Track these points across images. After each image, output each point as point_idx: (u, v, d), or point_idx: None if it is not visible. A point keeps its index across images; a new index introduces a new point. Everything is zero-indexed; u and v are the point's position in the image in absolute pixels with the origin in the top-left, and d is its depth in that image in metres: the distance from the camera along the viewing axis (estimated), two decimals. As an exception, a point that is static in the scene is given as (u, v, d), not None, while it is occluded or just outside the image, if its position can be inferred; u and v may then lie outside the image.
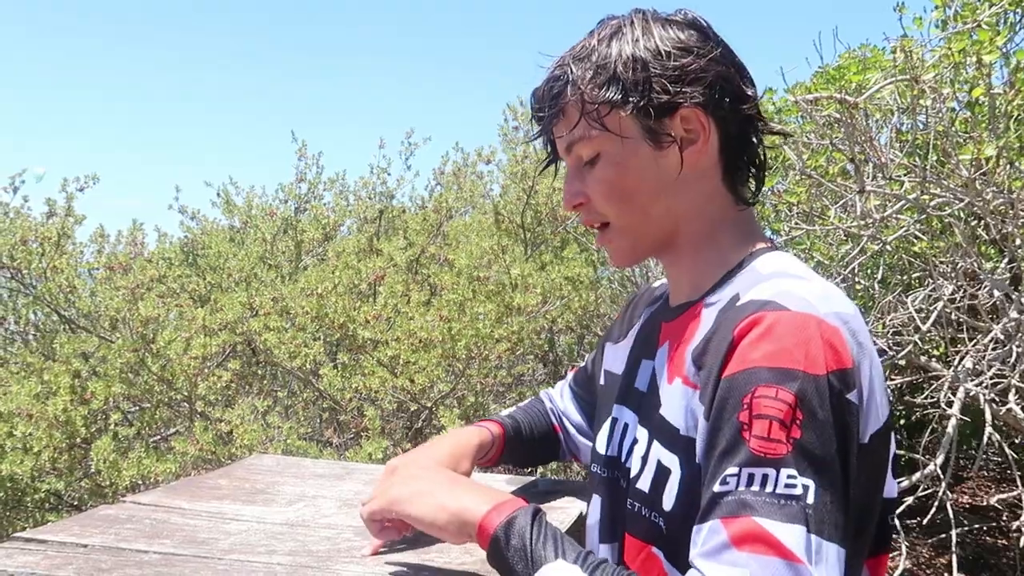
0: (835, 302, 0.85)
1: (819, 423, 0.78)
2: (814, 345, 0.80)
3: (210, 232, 4.31)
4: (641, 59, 0.95)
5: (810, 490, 0.77)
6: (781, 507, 0.76)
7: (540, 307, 3.05)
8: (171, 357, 2.86)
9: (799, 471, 0.77)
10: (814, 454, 0.78)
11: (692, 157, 0.97)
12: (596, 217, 1.03)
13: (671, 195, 0.99)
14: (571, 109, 0.99)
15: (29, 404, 2.61)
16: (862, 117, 2.57)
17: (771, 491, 0.77)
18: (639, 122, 0.96)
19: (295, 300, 3.08)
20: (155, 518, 1.33)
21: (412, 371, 2.99)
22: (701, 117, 0.96)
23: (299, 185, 4.71)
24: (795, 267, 0.94)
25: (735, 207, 1.02)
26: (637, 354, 1.11)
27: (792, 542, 0.75)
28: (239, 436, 2.67)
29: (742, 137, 1.00)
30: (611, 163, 0.98)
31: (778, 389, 0.79)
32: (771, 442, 0.78)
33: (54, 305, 3.39)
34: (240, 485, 1.54)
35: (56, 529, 1.27)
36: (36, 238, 3.37)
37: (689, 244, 1.02)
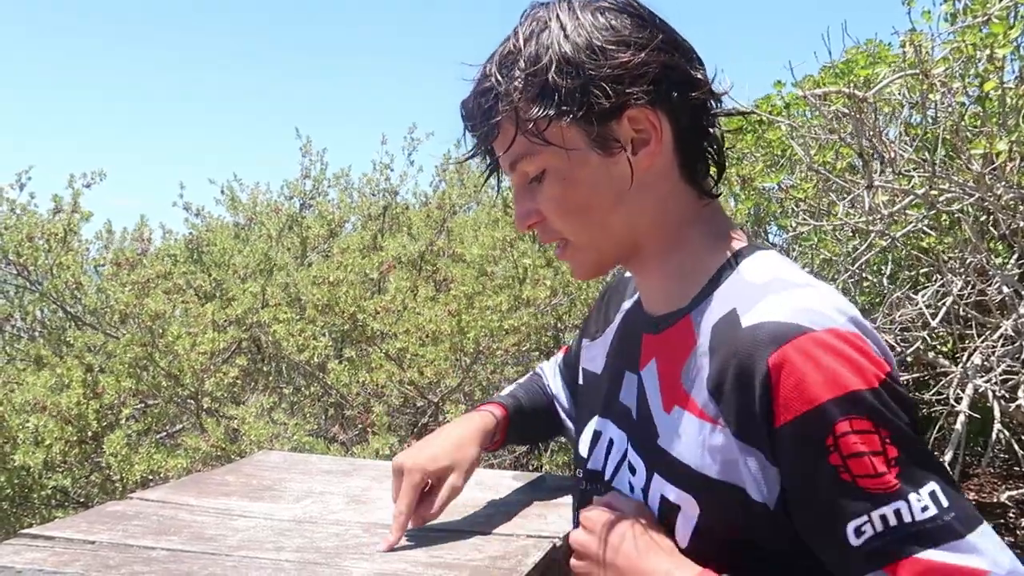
0: (843, 306, 0.84)
1: (900, 429, 0.78)
2: (855, 359, 0.79)
3: (215, 229, 4.31)
4: (575, 61, 0.86)
5: (938, 495, 0.77)
6: (932, 532, 0.76)
7: (550, 300, 3.04)
8: (179, 353, 2.86)
9: (918, 486, 0.77)
10: (916, 459, 0.78)
11: (646, 160, 0.89)
12: (552, 235, 0.95)
13: (629, 203, 0.91)
14: (507, 124, 0.90)
15: (44, 396, 2.61)
16: (871, 112, 2.55)
17: (912, 521, 0.76)
18: (583, 131, 0.88)
19: (306, 288, 3.08)
20: (162, 515, 1.33)
21: (420, 364, 2.98)
22: (650, 116, 0.88)
23: (304, 182, 4.71)
24: (788, 272, 0.89)
25: (699, 202, 0.95)
26: (618, 363, 1.05)
27: (961, 559, 0.75)
28: (246, 432, 2.67)
29: (696, 127, 0.92)
30: (559, 179, 0.90)
31: (852, 420, 0.77)
32: (880, 477, 0.77)
33: (60, 302, 3.40)
34: (247, 482, 1.53)
35: (63, 525, 1.27)
36: (42, 235, 3.37)
37: (656, 250, 0.95)
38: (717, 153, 0.95)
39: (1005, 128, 2.40)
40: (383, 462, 1.77)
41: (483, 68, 0.93)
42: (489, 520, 1.27)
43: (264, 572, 1.05)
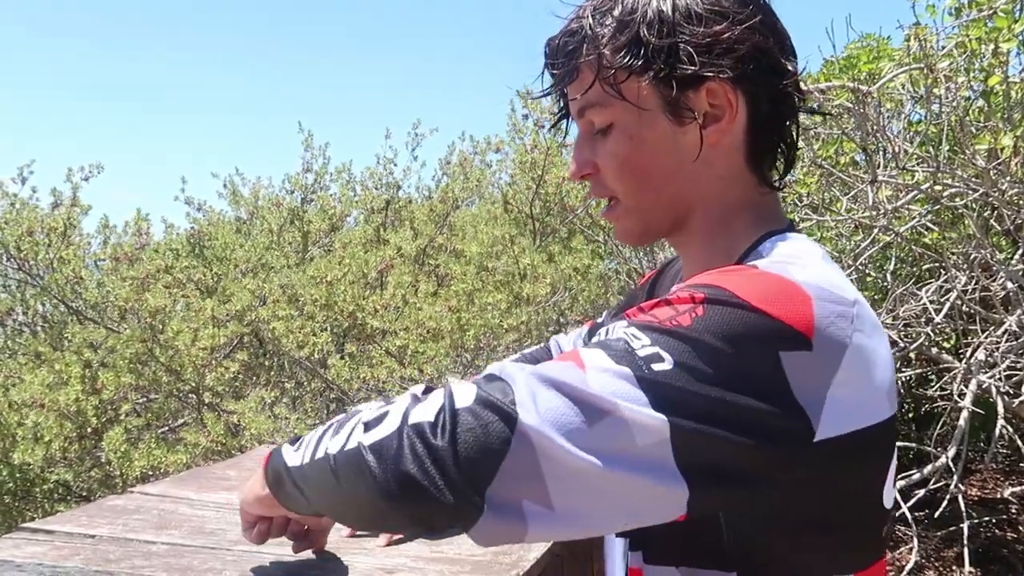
0: (830, 283, 0.75)
1: (727, 338, 0.68)
2: (764, 286, 0.72)
3: (216, 223, 4.30)
4: (669, 21, 0.85)
5: (662, 364, 0.67)
6: (610, 344, 0.69)
7: (549, 297, 3.03)
8: (179, 348, 2.85)
9: (658, 343, 0.68)
10: (699, 351, 0.67)
11: (714, 136, 0.87)
12: (604, 191, 0.94)
13: (688, 176, 0.89)
14: (586, 70, 0.89)
15: (41, 393, 2.61)
16: (874, 106, 2.54)
17: (611, 336, 0.71)
18: (660, 93, 0.86)
19: (304, 288, 3.07)
20: (163, 508, 1.32)
21: (420, 361, 2.98)
22: (729, 93, 0.86)
23: (305, 176, 4.70)
24: (805, 251, 0.83)
25: (757, 190, 0.92)
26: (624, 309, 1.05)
27: (594, 361, 0.68)
28: (247, 426, 2.66)
29: (774, 115, 0.90)
30: (625, 136, 0.89)
31: (693, 291, 0.71)
32: (646, 314, 0.71)
33: (61, 296, 3.39)
34: (248, 476, 1.53)
35: (64, 519, 1.26)
36: (42, 229, 3.36)
37: (702, 229, 0.93)
38: (788, 147, 0.93)
39: (1010, 122, 2.39)
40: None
41: (577, 9, 0.92)
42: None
43: (265, 567, 1.05)
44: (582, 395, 0.67)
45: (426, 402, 0.71)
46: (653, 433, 0.67)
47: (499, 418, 0.67)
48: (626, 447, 0.67)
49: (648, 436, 0.67)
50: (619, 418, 0.66)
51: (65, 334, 3.04)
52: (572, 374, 0.68)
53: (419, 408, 0.71)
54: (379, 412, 0.74)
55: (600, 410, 0.67)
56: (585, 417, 0.67)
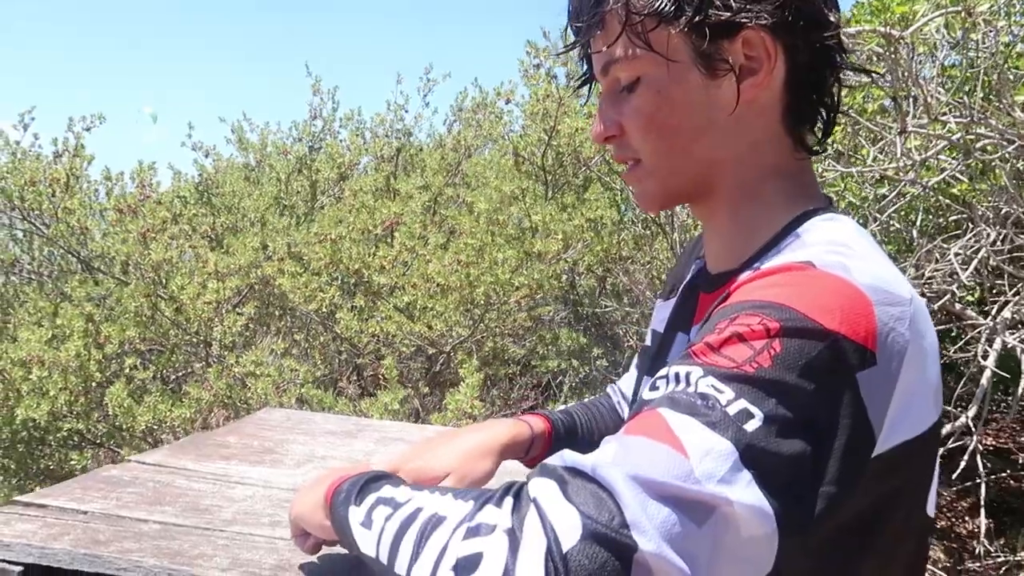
0: (883, 280, 0.69)
1: (807, 373, 0.62)
2: (830, 298, 0.65)
3: (224, 171, 4.22)
4: None
5: (753, 421, 0.61)
6: (698, 406, 0.62)
7: (561, 253, 2.95)
8: (184, 302, 2.82)
9: (743, 395, 0.62)
10: (782, 397, 0.62)
11: (751, 91, 0.80)
12: (629, 152, 0.86)
13: (719, 134, 0.82)
14: (612, 20, 0.81)
15: (40, 351, 2.58)
16: (906, 52, 2.39)
17: (693, 390, 0.63)
18: (691, 43, 0.78)
19: (309, 247, 3.00)
20: (159, 480, 1.28)
21: (429, 316, 2.93)
22: (768, 43, 0.78)
23: (313, 123, 4.58)
24: (851, 237, 0.75)
25: (794, 155, 0.84)
26: (673, 322, 0.99)
27: (692, 441, 0.60)
28: (254, 384, 2.64)
29: (814, 70, 0.82)
30: (652, 90, 0.81)
31: (762, 317, 0.65)
32: (718, 354, 0.65)
33: (67, 247, 3.35)
34: (248, 443, 1.49)
35: (58, 492, 1.23)
36: (45, 179, 3.30)
37: (730, 195, 0.85)
38: (829, 108, 0.85)
39: (1052, 70, 2.25)
40: (388, 423, 1.73)
41: None
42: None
43: (257, 551, 1.01)
44: (692, 496, 0.60)
45: (527, 547, 0.61)
46: (760, 524, 0.61)
47: (614, 555, 0.59)
48: (732, 540, 0.61)
49: (755, 527, 0.61)
50: (728, 513, 0.60)
51: (67, 288, 3.00)
52: (677, 467, 0.60)
53: (524, 561, 0.60)
54: (470, 550, 0.63)
55: (710, 507, 0.60)
56: (696, 521, 0.60)
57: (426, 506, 0.71)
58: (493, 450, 1.05)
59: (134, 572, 0.98)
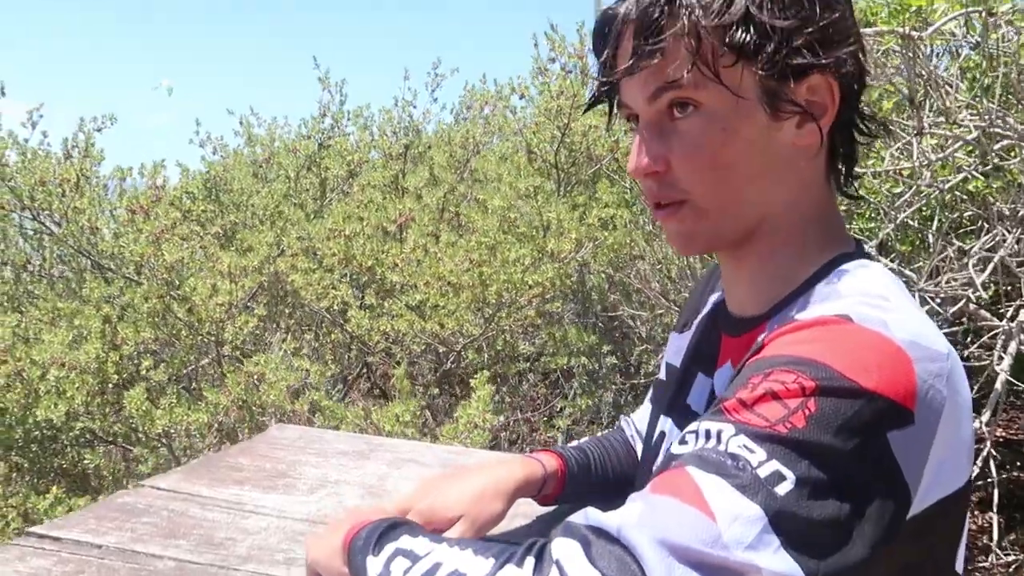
0: (922, 335, 0.67)
1: (837, 433, 0.60)
2: (869, 356, 0.64)
3: (232, 168, 4.21)
4: (783, 1, 0.73)
5: (785, 484, 0.59)
6: (728, 467, 0.60)
7: (574, 252, 2.93)
8: (196, 304, 2.82)
9: (775, 456, 0.60)
10: (815, 458, 0.60)
11: (810, 136, 0.77)
12: (673, 192, 0.80)
13: (773, 178, 0.79)
14: (677, 46, 0.74)
15: (62, 353, 2.60)
16: (924, 53, 2.35)
17: (723, 449, 0.62)
18: (760, 82, 0.75)
19: (322, 242, 3.00)
20: (172, 509, 1.29)
21: (441, 315, 2.92)
22: (834, 88, 0.76)
23: (322, 120, 4.56)
24: (885, 288, 0.74)
25: (830, 197, 0.83)
26: (693, 360, 0.96)
27: (721, 505, 0.59)
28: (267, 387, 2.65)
29: (855, 115, 0.81)
30: (717, 125, 0.76)
31: (799, 375, 0.63)
32: (751, 411, 0.63)
33: (77, 246, 3.36)
34: (261, 465, 1.49)
35: (72, 523, 1.23)
36: (55, 179, 3.30)
37: (768, 241, 0.82)
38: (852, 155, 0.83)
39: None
40: (400, 442, 1.72)
41: None
42: (511, 524, 1.21)
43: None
44: (719, 563, 0.58)
45: None
46: None
47: None
48: None
49: None
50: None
51: (83, 289, 3.01)
52: (704, 532, 0.59)
53: None
54: None
55: (737, 575, 0.59)
56: None
57: (445, 562, 0.70)
58: (505, 491, 1.04)
59: (150, 618, 0.98)
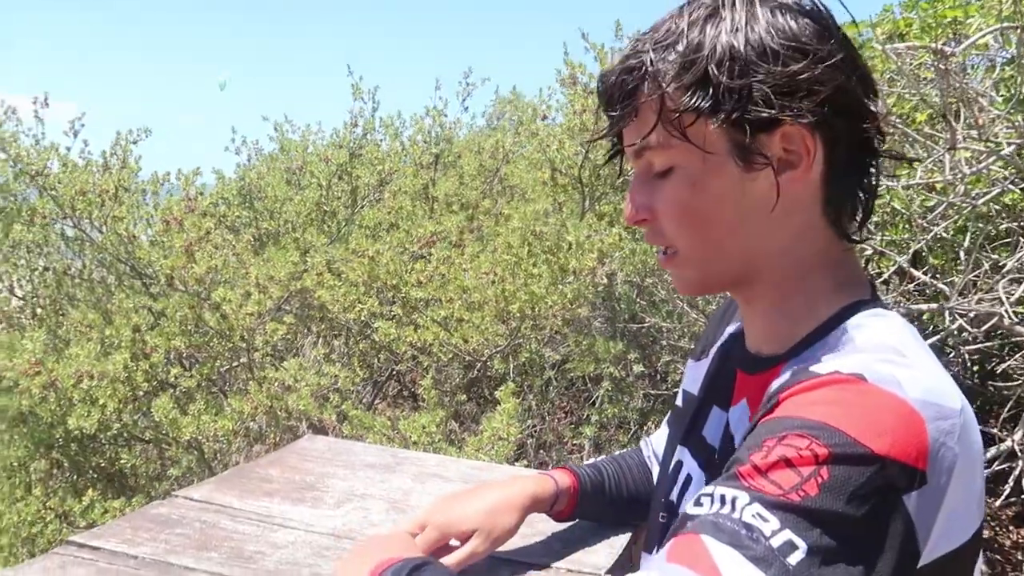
0: (935, 392, 0.69)
1: (849, 500, 0.62)
2: (883, 420, 0.65)
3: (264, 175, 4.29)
4: (742, 59, 0.75)
5: (796, 553, 0.61)
6: (742, 537, 0.62)
7: (598, 267, 2.94)
8: (228, 312, 2.89)
9: (788, 526, 0.62)
10: (827, 526, 0.62)
11: (788, 185, 0.79)
12: (661, 239, 0.86)
13: (755, 228, 0.81)
14: (647, 110, 0.80)
15: (90, 365, 2.67)
16: (957, 67, 2.33)
17: (738, 517, 0.63)
18: (728, 136, 0.78)
19: (346, 264, 3.05)
20: (204, 520, 1.33)
21: (465, 329, 2.95)
22: (807, 138, 0.77)
23: (354, 128, 4.62)
24: (900, 340, 0.75)
25: (836, 245, 0.83)
26: (709, 394, 0.98)
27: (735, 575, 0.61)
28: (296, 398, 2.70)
29: (853, 161, 0.81)
30: (688, 181, 0.80)
31: (812, 441, 0.64)
32: (765, 478, 0.64)
33: (116, 254, 3.45)
34: (291, 477, 1.53)
35: (109, 533, 1.28)
36: (94, 189, 3.40)
37: (771, 288, 0.85)
38: (868, 195, 0.84)
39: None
40: (426, 456, 1.75)
41: (634, 43, 0.83)
42: (529, 541, 1.23)
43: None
44: None
45: None
46: None
47: None
48: None
49: None
50: None
51: (114, 299, 3.10)
52: None
53: None
54: None
55: None
56: None
57: None
58: (517, 506, 1.08)
59: (182, 631, 1.01)
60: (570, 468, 1.20)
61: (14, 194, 3.56)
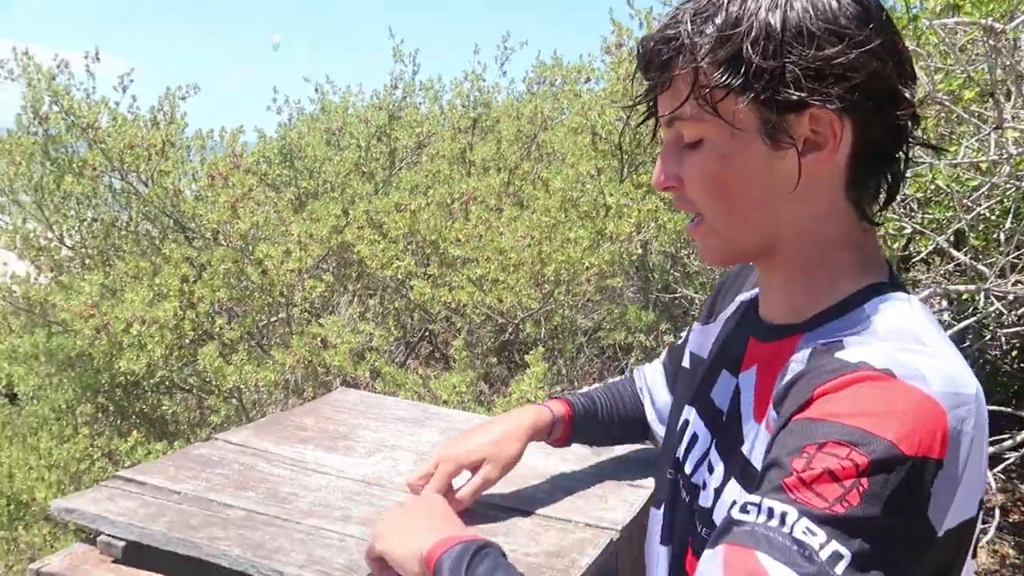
0: (954, 380, 0.73)
1: (886, 504, 0.67)
2: (911, 421, 0.69)
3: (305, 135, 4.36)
4: (777, 39, 0.76)
5: (841, 563, 0.66)
6: (795, 555, 0.67)
7: (634, 235, 2.96)
8: (269, 268, 2.97)
9: (834, 537, 0.67)
10: (865, 532, 0.67)
11: (812, 166, 0.81)
12: (688, 206, 0.89)
13: (780, 205, 0.83)
14: (680, 82, 0.82)
15: (143, 311, 2.79)
16: (1008, 45, 2.27)
17: (788, 532, 0.68)
18: (758, 114, 0.79)
19: (388, 216, 3.11)
20: (243, 463, 1.40)
21: (500, 290, 2.99)
22: (835, 122, 0.79)
23: (394, 91, 4.65)
24: (920, 326, 0.79)
25: (856, 226, 0.85)
26: (719, 358, 1.02)
27: None
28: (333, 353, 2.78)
29: (882, 146, 0.82)
30: (716, 154, 0.83)
31: (852, 450, 0.68)
32: (811, 490, 0.68)
33: (162, 207, 3.56)
34: (324, 427, 1.59)
35: (155, 470, 1.35)
36: (142, 143, 3.50)
37: (791, 262, 0.87)
38: (894, 180, 0.86)
39: None
40: (455, 412, 1.81)
41: (674, 13, 0.84)
42: (550, 497, 1.28)
43: (329, 548, 1.10)
44: None
45: None
46: None
47: None
48: None
49: None
50: None
51: (163, 250, 3.20)
52: None
53: None
54: None
55: None
56: None
57: None
58: (519, 435, 1.21)
59: (221, 560, 1.08)
60: (565, 398, 1.31)
61: (66, 146, 3.68)
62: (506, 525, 1.19)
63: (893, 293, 0.83)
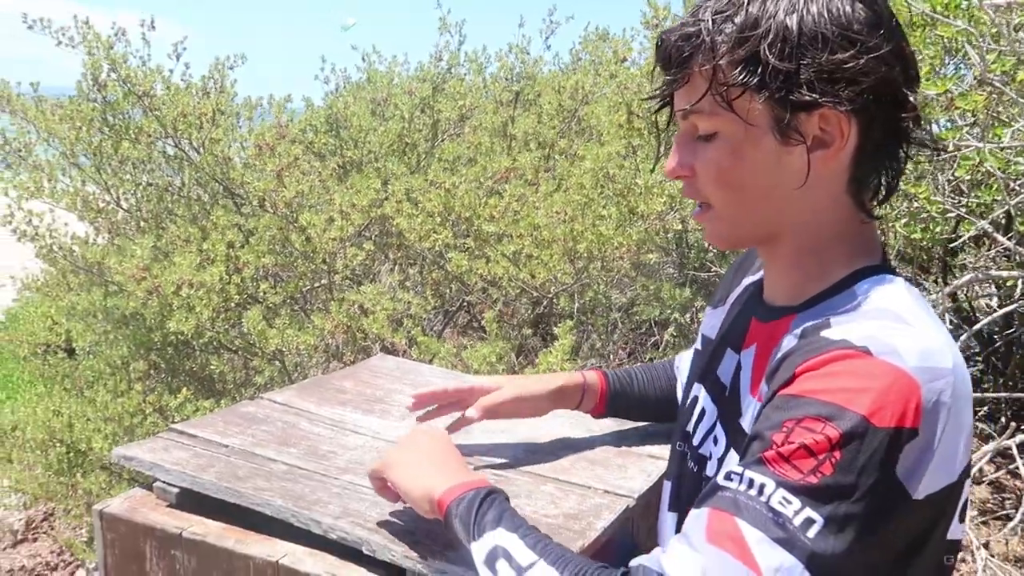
0: (931, 355, 0.78)
1: (858, 473, 0.74)
2: (883, 395, 0.74)
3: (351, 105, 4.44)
4: (793, 42, 0.81)
5: (814, 527, 0.73)
6: (770, 522, 0.74)
7: (666, 213, 2.98)
8: (313, 235, 3.07)
9: (808, 504, 0.74)
10: (837, 499, 0.74)
11: (820, 163, 0.86)
12: (697, 195, 0.95)
13: (785, 198, 0.89)
14: (699, 78, 0.88)
15: (191, 275, 2.92)
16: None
17: (765, 502, 0.75)
18: (771, 112, 0.85)
19: (423, 194, 3.18)
20: (286, 421, 1.49)
21: (534, 265, 3.05)
22: (843, 122, 0.84)
23: (438, 62, 4.69)
24: (904, 306, 0.84)
25: (855, 218, 0.91)
26: (726, 337, 1.09)
27: (766, 561, 0.73)
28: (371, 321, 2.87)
29: (885, 146, 0.88)
30: (728, 147, 0.89)
31: (826, 424, 0.75)
32: (788, 463, 0.75)
33: (212, 174, 3.68)
34: (362, 391, 1.68)
35: (205, 424, 1.45)
36: (194, 111, 3.61)
37: (792, 249, 0.94)
38: (894, 177, 0.91)
39: None
40: (488, 378, 1.88)
41: (696, 11, 0.90)
42: (573, 465, 1.35)
43: (363, 502, 1.19)
44: None
45: None
46: None
47: None
48: None
49: None
50: None
51: (211, 216, 3.33)
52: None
53: None
54: None
55: None
56: None
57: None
58: (544, 394, 1.32)
59: (265, 508, 1.18)
60: (602, 371, 1.39)
61: (123, 112, 3.82)
62: (528, 488, 1.26)
63: (881, 275, 0.89)
